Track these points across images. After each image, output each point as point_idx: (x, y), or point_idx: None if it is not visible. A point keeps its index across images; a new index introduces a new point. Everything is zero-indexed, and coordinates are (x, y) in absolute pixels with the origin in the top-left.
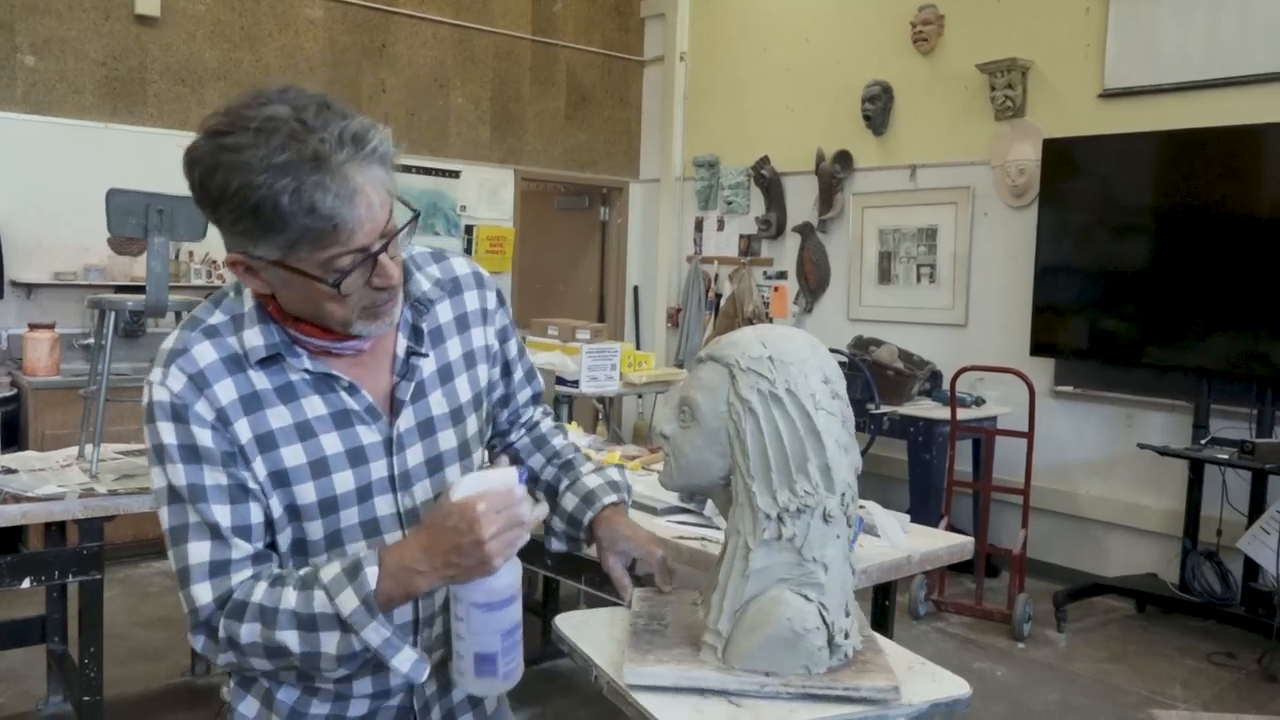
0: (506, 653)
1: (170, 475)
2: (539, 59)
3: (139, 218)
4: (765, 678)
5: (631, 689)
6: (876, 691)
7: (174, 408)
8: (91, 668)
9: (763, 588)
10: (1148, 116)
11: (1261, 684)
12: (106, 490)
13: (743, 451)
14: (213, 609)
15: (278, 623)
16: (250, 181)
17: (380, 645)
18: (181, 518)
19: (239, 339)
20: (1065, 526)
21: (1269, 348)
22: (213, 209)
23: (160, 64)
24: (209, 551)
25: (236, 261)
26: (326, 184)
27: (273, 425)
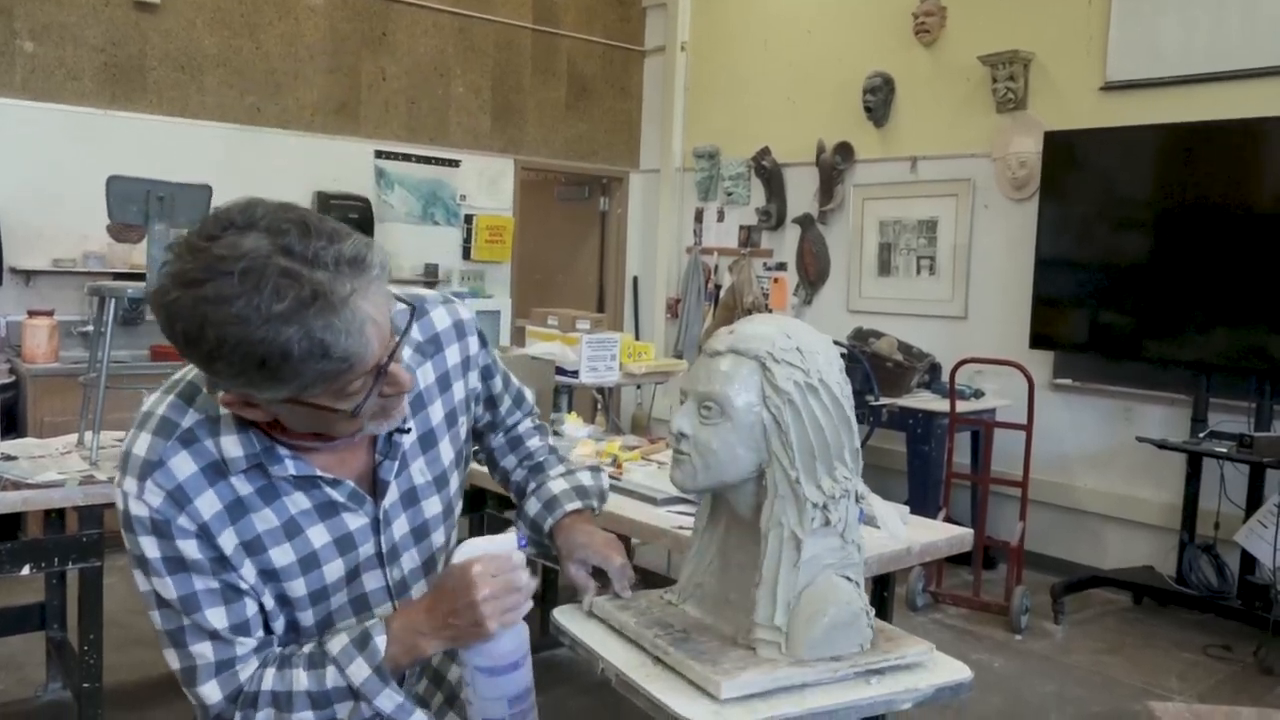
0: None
1: (159, 588)
2: (540, 48)
3: (139, 205)
4: (835, 663)
5: (730, 701)
6: (919, 655)
7: (154, 523)
8: (91, 655)
9: (812, 576)
10: (1149, 110)
11: (1257, 676)
12: (106, 477)
13: (784, 444)
14: (224, 705)
15: (293, 705)
16: (250, 336)
17: (393, 711)
18: (177, 622)
19: (216, 444)
20: (1063, 519)
21: (1268, 341)
22: (205, 363)
23: (160, 50)
24: (212, 652)
25: (234, 401)
26: (335, 325)
27: (259, 529)
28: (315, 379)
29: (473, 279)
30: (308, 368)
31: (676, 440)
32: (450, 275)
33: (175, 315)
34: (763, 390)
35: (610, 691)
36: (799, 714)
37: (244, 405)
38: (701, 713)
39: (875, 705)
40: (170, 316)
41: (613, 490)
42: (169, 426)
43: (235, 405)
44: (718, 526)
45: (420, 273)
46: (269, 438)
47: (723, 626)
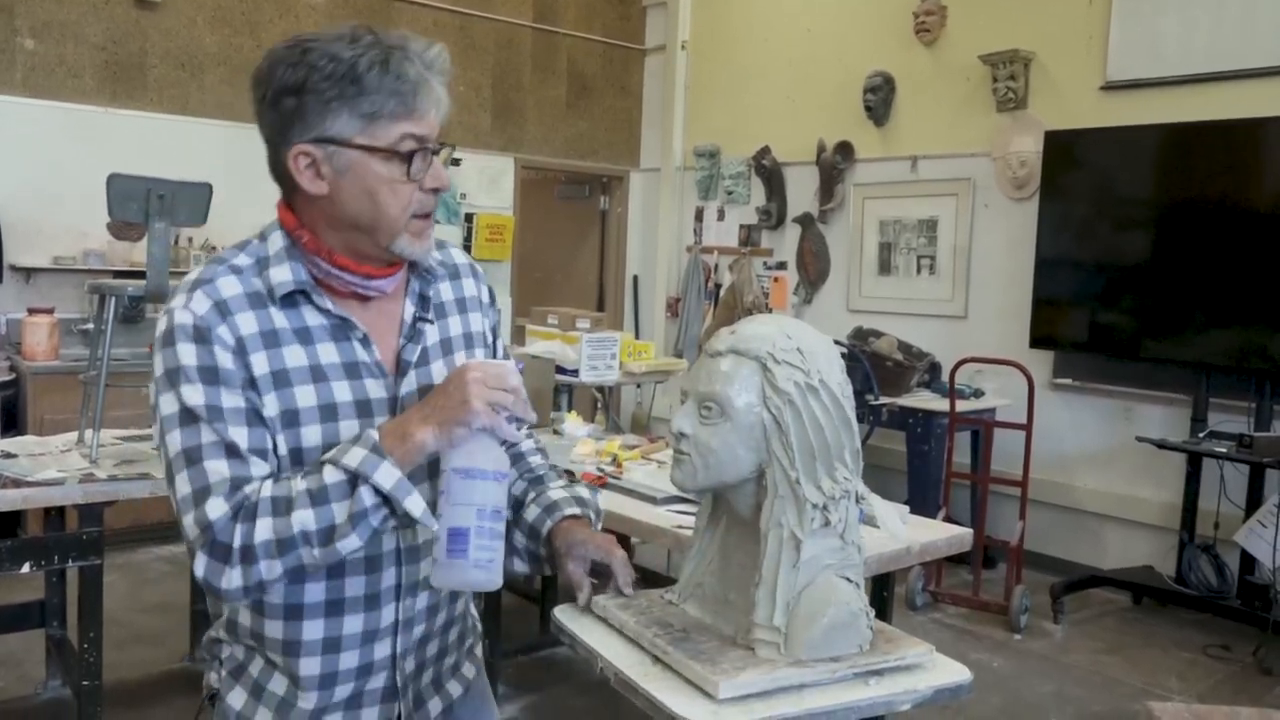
0: (480, 535)
1: (187, 397)
2: (540, 47)
3: (140, 203)
4: (834, 663)
5: (727, 702)
6: (919, 656)
7: (196, 329)
8: (91, 653)
9: (811, 577)
10: (1150, 109)
11: (1257, 676)
12: (106, 475)
13: (784, 444)
14: (225, 521)
15: (292, 505)
16: (340, 54)
17: (393, 487)
18: (196, 439)
19: (263, 279)
20: (1063, 519)
21: (1268, 341)
22: (296, 94)
23: (160, 48)
24: (228, 468)
25: (303, 153)
26: (410, 58)
27: (288, 364)
28: (385, 102)
29: None
30: (383, 85)
31: (677, 440)
32: None
33: (277, 60)
34: (763, 391)
35: (610, 690)
36: (797, 714)
37: (310, 167)
38: (699, 712)
39: (874, 706)
40: (272, 63)
41: (613, 489)
42: (219, 259)
43: (302, 163)
44: (718, 526)
45: None
46: (315, 276)
47: (722, 626)
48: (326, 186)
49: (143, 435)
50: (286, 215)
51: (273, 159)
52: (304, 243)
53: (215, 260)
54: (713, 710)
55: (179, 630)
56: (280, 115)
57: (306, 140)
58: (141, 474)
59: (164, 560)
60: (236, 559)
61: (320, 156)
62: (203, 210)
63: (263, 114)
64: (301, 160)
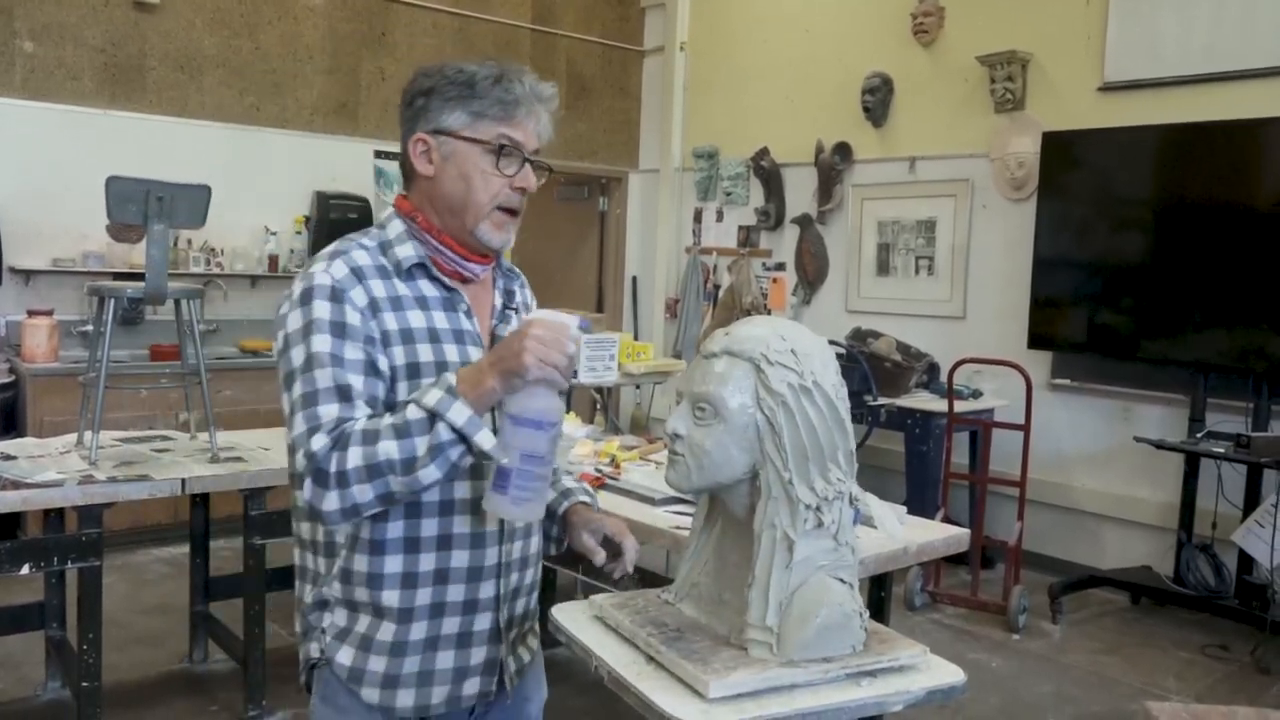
0: (521, 477)
1: (316, 345)
2: (538, 48)
3: (139, 205)
4: (827, 664)
5: (718, 701)
6: (912, 658)
7: (333, 290)
8: (90, 654)
9: (804, 577)
10: (1147, 110)
11: (1254, 676)
12: (106, 477)
13: (777, 445)
14: (326, 450)
15: (379, 437)
16: (465, 68)
17: (464, 424)
18: (313, 385)
19: (388, 256)
20: (1061, 519)
21: (1265, 342)
22: (425, 95)
23: (159, 51)
24: (338, 410)
25: (421, 139)
26: (521, 81)
27: (411, 324)
28: (490, 107)
29: None
30: (490, 93)
31: (671, 441)
32: None
33: (419, 73)
34: (757, 392)
35: (609, 691)
36: (787, 714)
37: (423, 152)
38: (690, 711)
39: (865, 707)
40: (415, 76)
41: (611, 490)
42: (348, 241)
43: (418, 148)
44: (713, 527)
45: None
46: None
47: (717, 626)
48: (433, 169)
49: (142, 437)
50: (403, 202)
51: (403, 152)
52: (418, 222)
53: (343, 241)
54: (703, 709)
55: (178, 632)
56: (412, 112)
57: (425, 130)
58: (141, 475)
59: (163, 562)
60: (333, 483)
61: (433, 144)
62: (201, 212)
63: (401, 114)
64: (418, 146)
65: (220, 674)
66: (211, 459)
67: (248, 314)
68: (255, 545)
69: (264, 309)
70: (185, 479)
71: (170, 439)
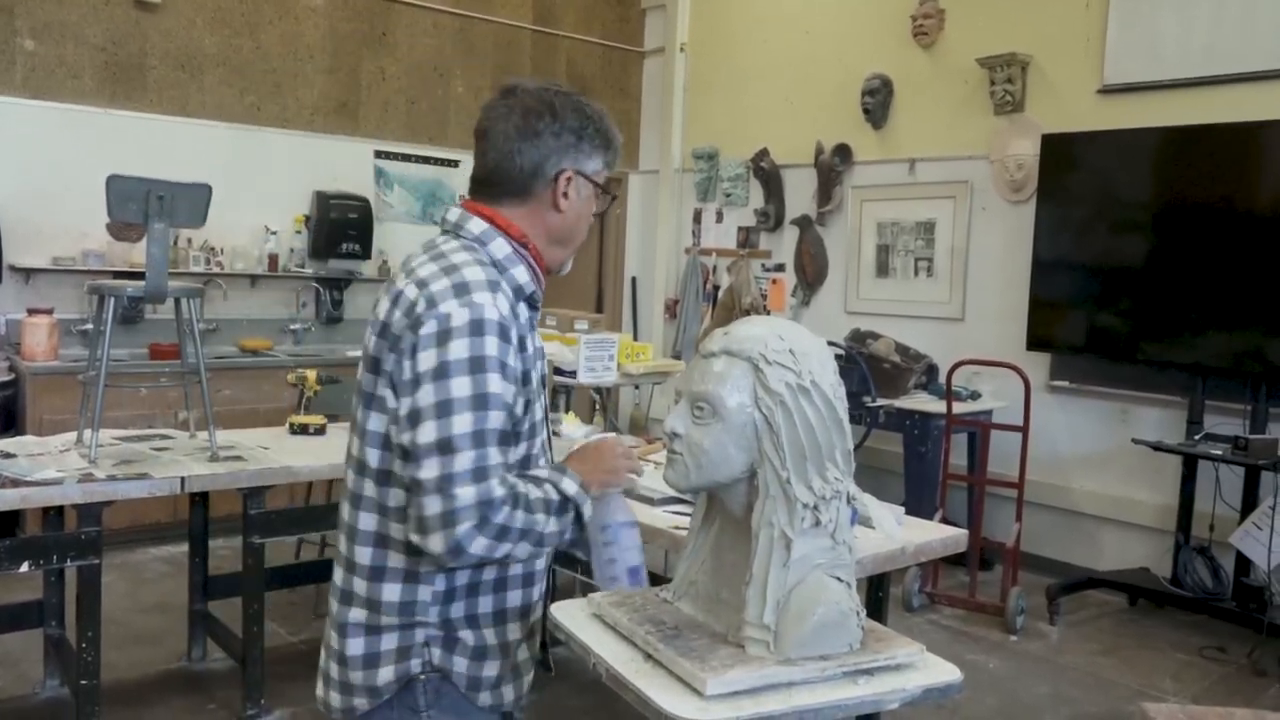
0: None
1: (489, 384)
2: (539, 49)
3: (139, 204)
4: (824, 662)
5: (714, 699)
6: (909, 656)
7: (501, 327)
8: (89, 652)
9: (802, 576)
10: (1147, 112)
11: (1251, 678)
12: (105, 475)
13: (775, 445)
14: (502, 502)
15: (534, 508)
16: (601, 117)
17: (588, 519)
18: (484, 423)
19: (505, 278)
20: (1059, 520)
21: (1264, 344)
22: (576, 134)
23: (160, 49)
24: (501, 455)
25: (569, 176)
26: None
27: (528, 349)
28: (612, 157)
29: None
30: (612, 146)
31: (670, 440)
32: None
33: (563, 104)
34: (755, 391)
35: (607, 690)
36: (784, 712)
37: (568, 185)
38: (687, 709)
39: (862, 705)
40: (559, 106)
41: None
42: (478, 260)
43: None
44: (712, 525)
45: None
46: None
47: (714, 624)
48: (566, 205)
49: (141, 435)
50: (511, 225)
51: (530, 171)
52: (529, 248)
53: (473, 260)
54: (701, 707)
55: (177, 630)
56: (561, 143)
57: (574, 168)
58: (140, 474)
59: (162, 560)
60: (494, 534)
61: (577, 182)
62: (202, 211)
63: (541, 136)
64: (564, 181)
65: (219, 673)
66: (211, 458)
67: (247, 313)
68: (254, 544)
69: (264, 308)
70: (184, 478)
71: (170, 438)
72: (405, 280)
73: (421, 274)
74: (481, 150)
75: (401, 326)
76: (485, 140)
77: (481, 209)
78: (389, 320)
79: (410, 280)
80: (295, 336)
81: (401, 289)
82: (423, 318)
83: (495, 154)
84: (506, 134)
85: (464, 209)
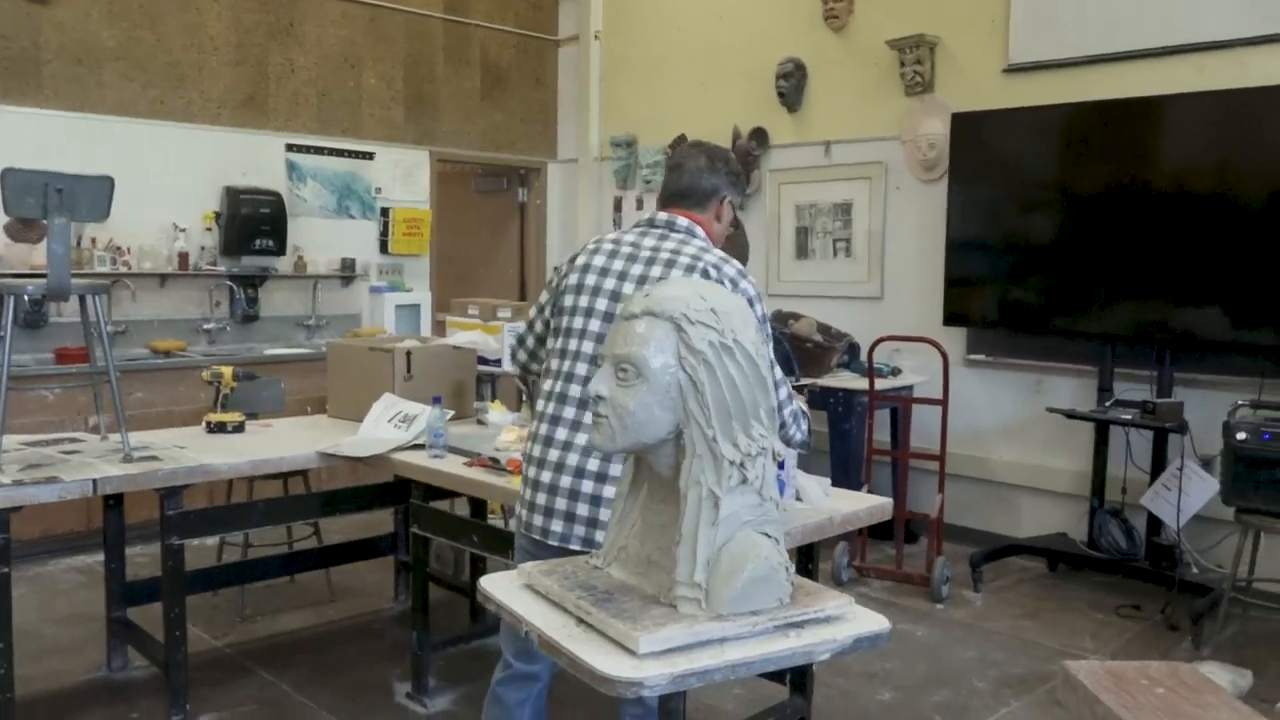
0: None
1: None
2: (452, 38)
3: (37, 198)
4: (754, 617)
5: (648, 657)
6: (838, 608)
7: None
8: (1, 664)
9: (731, 533)
10: (1051, 90)
11: (1165, 633)
12: (11, 480)
13: (700, 404)
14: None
15: None
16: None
17: None
18: None
19: None
20: (980, 491)
21: (1167, 314)
22: (735, 176)
23: (54, 44)
24: None
25: (730, 203)
26: None
27: None
28: (742, 197)
29: (391, 273)
30: (745, 189)
31: (595, 403)
32: (368, 269)
33: (734, 159)
34: (679, 351)
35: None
36: (717, 666)
37: (721, 209)
38: (621, 668)
39: (794, 656)
40: (730, 160)
41: None
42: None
43: (724, 208)
44: (639, 490)
45: (337, 267)
46: None
47: (646, 587)
48: (720, 222)
49: (49, 440)
50: (706, 226)
51: (711, 192)
52: (712, 241)
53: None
54: (634, 665)
55: (95, 640)
56: (729, 180)
57: (730, 199)
58: (49, 478)
59: (76, 570)
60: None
61: (726, 208)
62: (104, 204)
63: (715, 170)
64: (726, 207)
65: (140, 680)
66: (124, 459)
67: (158, 314)
68: (173, 546)
69: (175, 308)
70: (96, 479)
71: (80, 441)
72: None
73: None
74: (677, 176)
75: None
76: (681, 169)
77: (685, 213)
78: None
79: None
80: (210, 336)
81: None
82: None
83: (689, 178)
84: (699, 167)
85: (674, 213)
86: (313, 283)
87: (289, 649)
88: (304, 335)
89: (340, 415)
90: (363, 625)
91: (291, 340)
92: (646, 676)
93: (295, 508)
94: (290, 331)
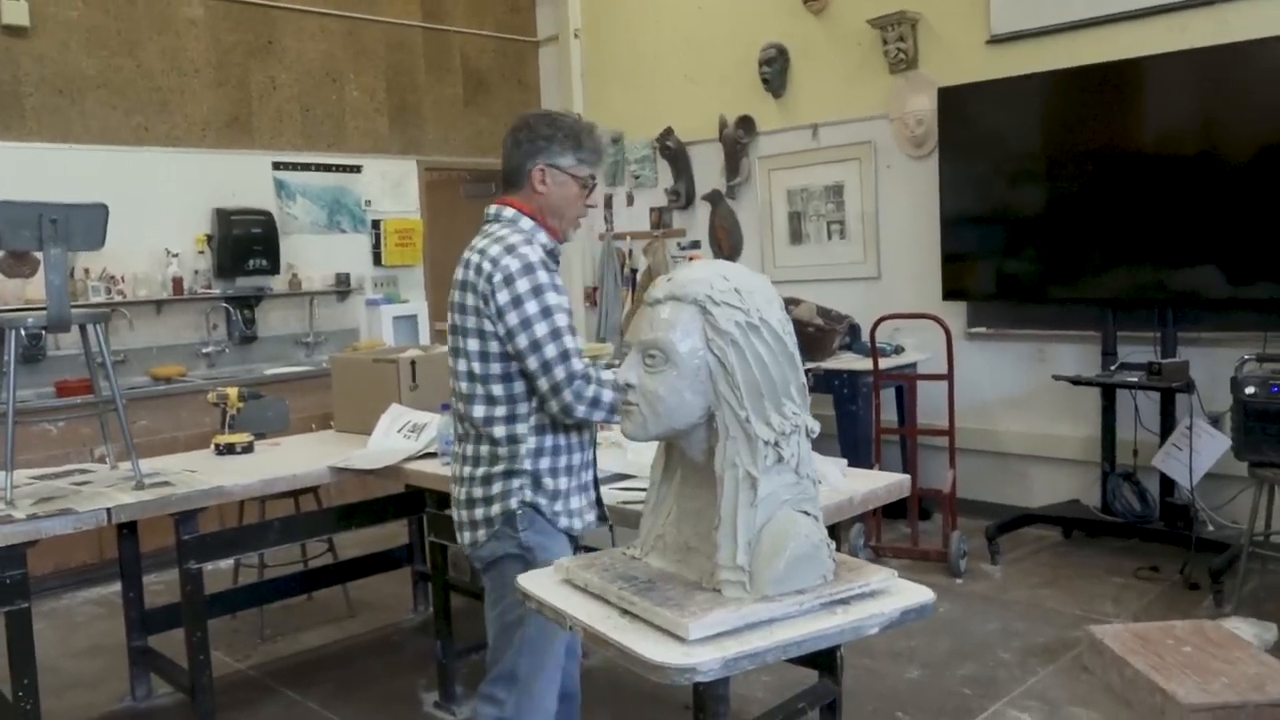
0: None
1: (552, 299)
2: (432, 46)
3: (32, 229)
4: (800, 596)
5: (698, 643)
6: (882, 582)
7: (543, 261)
8: (27, 700)
9: (770, 513)
10: (1035, 59)
11: (1185, 592)
12: (25, 515)
13: (731, 384)
14: (583, 372)
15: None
16: (574, 121)
17: None
18: (562, 322)
19: (535, 240)
20: (990, 463)
21: (1165, 275)
22: (547, 139)
23: (35, 76)
24: (573, 343)
25: (543, 169)
26: (599, 139)
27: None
28: (587, 155)
29: (386, 285)
30: (587, 144)
31: (624, 392)
32: (363, 283)
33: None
34: (705, 333)
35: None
36: (769, 647)
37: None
38: (673, 655)
39: (843, 633)
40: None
41: None
42: (510, 230)
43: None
44: (673, 477)
45: (331, 283)
46: None
47: (686, 573)
48: (545, 190)
49: (59, 472)
50: (523, 206)
51: (518, 170)
52: (540, 221)
53: (507, 228)
54: (685, 651)
55: (117, 670)
56: (534, 147)
57: (545, 163)
58: (63, 510)
59: (92, 603)
60: (589, 399)
61: (550, 173)
62: (100, 232)
63: (519, 144)
64: (538, 174)
65: (166, 708)
66: (136, 486)
67: (156, 340)
68: (192, 570)
69: (173, 334)
70: (111, 508)
71: (90, 471)
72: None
73: (479, 245)
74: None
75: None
76: (502, 154)
77: (504, 200)
78: (464, 279)
79: (472, 251)
80: (209, 360)
81: (468, 256)
82: (492, 273)
83: (504, 163)
84: (505, 146)
85: (497, 204)
86: (308, 300)
87: (312, 666)
88: (303, 353)
89: (347, 429)
90: (384, 638)
91: (291, 358)
92: (699, 662)
93: (311, 524)
94: (289, 350)
